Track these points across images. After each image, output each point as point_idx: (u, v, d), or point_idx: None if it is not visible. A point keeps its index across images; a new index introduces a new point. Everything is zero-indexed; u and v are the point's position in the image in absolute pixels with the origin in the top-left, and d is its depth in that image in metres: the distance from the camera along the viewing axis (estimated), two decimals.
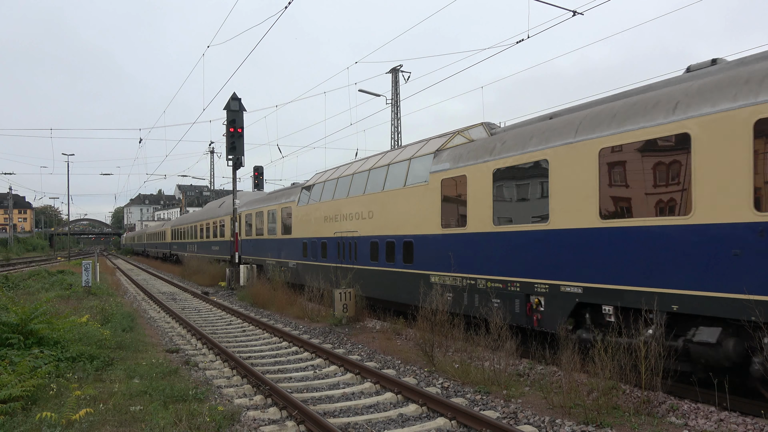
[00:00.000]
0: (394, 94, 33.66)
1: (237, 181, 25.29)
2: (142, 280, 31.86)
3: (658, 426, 6.33)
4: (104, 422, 6.46)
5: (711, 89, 7.18)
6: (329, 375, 9.43)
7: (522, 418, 6.82)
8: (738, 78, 6.96)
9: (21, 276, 29.00)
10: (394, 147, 33.72)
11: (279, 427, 6.65)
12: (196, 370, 9.63)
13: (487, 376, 8.39)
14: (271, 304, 17.53)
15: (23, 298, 14.57)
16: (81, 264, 24.04)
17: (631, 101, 8.38)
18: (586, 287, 8.50)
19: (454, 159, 11.87)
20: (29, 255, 75.42)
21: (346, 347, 11.57)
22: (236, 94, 23.12)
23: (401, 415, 7.16)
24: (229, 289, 24.18)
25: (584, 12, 14.20)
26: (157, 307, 19.08)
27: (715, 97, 7.02)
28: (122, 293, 23.27)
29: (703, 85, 7.37)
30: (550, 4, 14.59)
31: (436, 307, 10.25)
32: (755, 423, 6.27)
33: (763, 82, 6.56)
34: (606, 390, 7.05)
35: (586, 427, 6.32)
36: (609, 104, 8.89)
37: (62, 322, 10.52)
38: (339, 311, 14.06)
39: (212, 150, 56.52)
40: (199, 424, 6.32)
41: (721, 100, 6.92)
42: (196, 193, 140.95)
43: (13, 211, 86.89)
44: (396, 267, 13.59)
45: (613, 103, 8.83)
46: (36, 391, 7.20)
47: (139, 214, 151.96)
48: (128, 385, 8.02)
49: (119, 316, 14.22)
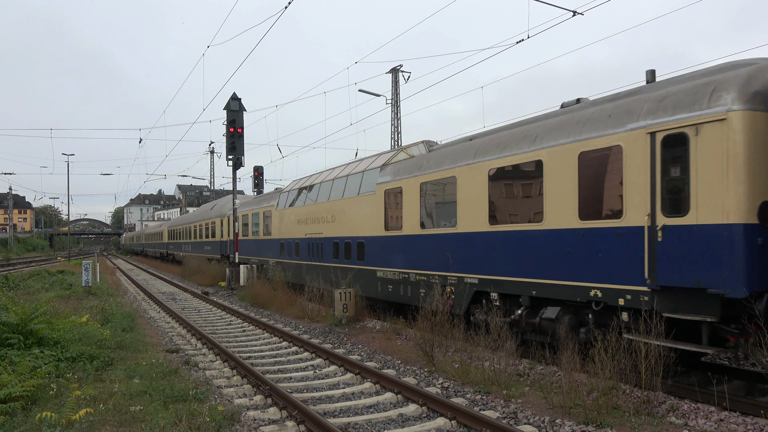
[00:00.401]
0: (394, 94, 33.66)
1: (237, 181, 25.31)
2: (142, 280, 31.86)
3: (658, 426, 6.33)
4: (104, 422, 6.47)
5: (557, 127, 9.41)
6: (329, 375, 9.43)
7: (522, 418, 6.82)
8: (572, 119, 9.19)
9: (21, 276, 29.00)
10: (393, 147, 33.74)
11: (279, 427, 6.65)
12: (196, 370, 9.63)
13: (487, 376, 8.39)
14: (271, 304, 17.54)
15: (23, 298, 14.56)
16: (81, 264, 24.05)
17: (512, 132, 10.72)
18: (480, 278, 10.84)
19: (394, 173, 14.11)
20: (29, 255, 75.42)
21: (346, 347, 11.57)
22: (236, 94, 23.12)
23: (401, 415, 7.16)
24: (229, 289, 24.18)
25: (584, 12, 14.21)
26: (157, 307, 19.08)
27: (557, 133, 9.30)
28: (122, 293, 23.28)
29: (554, 123, 9.63)
30: (550, 4, 14.59)
31: (436, 307, 10.27)
32: (755, 423, 6.27)
33: (585, 123, 8.83)
34: (606, 390, 7.05)
35: (586, 427, 6.32)
36: (502, 132, 11.18)
37: (62, 322, 10.52)
38: (339, 311, 14.06)
39: (212, 150, 56.51)
40: (199, 424, 6.32)
41: (560, 135, 9.20)
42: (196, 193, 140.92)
43: (13, 211, 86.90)
44: (352, 264, 15.78)
45: (505, 131, 11.10)
46: (36, 391, 7.20)
47: (139, 214, 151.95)
48: (128, 385, 8.02)
49: (119, 316, 14.22)
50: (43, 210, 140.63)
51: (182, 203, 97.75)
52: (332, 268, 16.81)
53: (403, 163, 13.92)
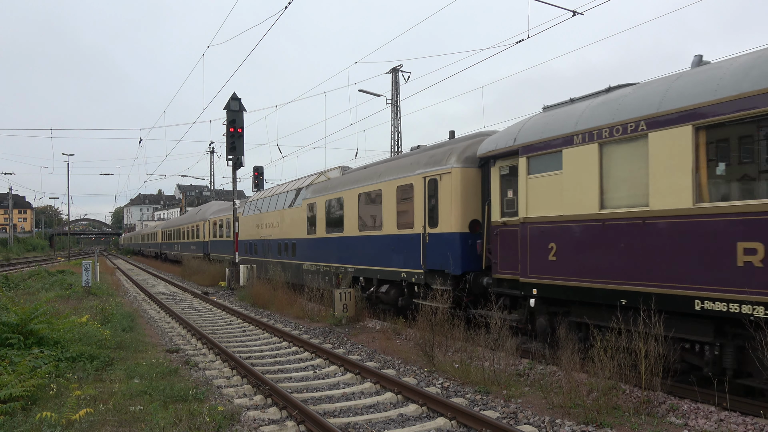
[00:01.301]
0: (394, 94, 33.66)
1: (237, 181, 25.30)
2: (142, 280, 31.86)
3: (658, 426, 6.33)
4: (104, 422, 6.47)
5: (391, 169, 14.33)
6: (329, 375, 9.43)
7: (522, 418, 6.82)
8: (397, 164, 14.19)
9: (21, 276, 29.01)
10: (393, 147, 33.74)
11: (279, 427, 6.65)
12: (196, 370, 9.63)
13: (487, 376, 8.39)
14: (271, 304, 17.54)
15: (23, 298, 14.55)
16: (81, 264, 24.04)
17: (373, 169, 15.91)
18: (356, 268, 15.61)
19: (313, 192, 19.10)
20: (29, 255, 75.41)
21: (346, 347, 11.57)
22: (236, 94, 23.11)
23: (401, 415, 7.16)
24: (229, 289, 24.17)
25: (584, 12, 14.20)
26: (157, 307, 19.08)
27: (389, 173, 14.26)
28: (122, 293, 23.28)
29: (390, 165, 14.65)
30: (550, 4, 14.59)
31: (436, 308, 10.28)
32: (755, 423, 6.27)
33: (401, 168, 13.69)
34: (606, 390, 7.05)
35: (586, 427, 6.32)
36: (369, 168, 16.32)
37: (62, 322, 10.52)
38: (339, 311, 14.06)
39: (212, 150, 56.53)
40: (199, 424, 6.32)
41: (390, 175, 14.17)
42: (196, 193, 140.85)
43: (13, 211, 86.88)
44: (289, 259, 20.70)
45: (370, 168, 16.30)
46: (36, 391, 7.20)
47: (139, 214, 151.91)
48: (128, 385, 8.02)
49: (119, 316, 14.22)
50: (43, 210, 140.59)
51: (182, 203, 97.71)
52: (278, 262, 21.51)
53: (319, 185, 18.91)
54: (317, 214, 18.26)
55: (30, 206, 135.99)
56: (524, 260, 9.73)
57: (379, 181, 14.50)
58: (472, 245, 11.47)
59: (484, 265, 11.32)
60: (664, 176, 7.37)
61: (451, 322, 10.39)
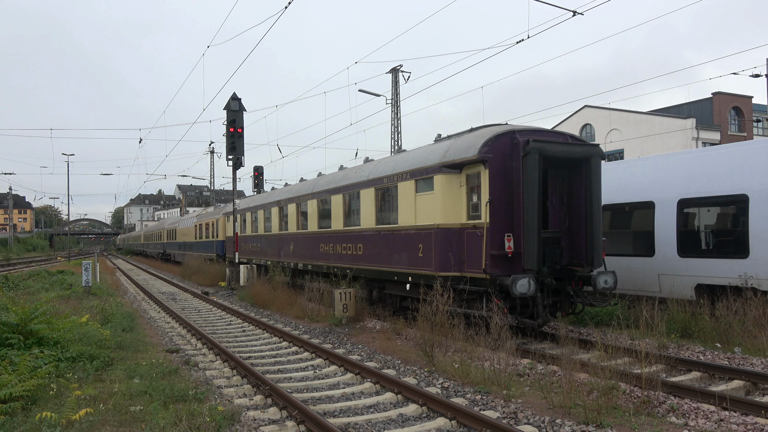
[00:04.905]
0: (394, 95, 33.65)
1: (237, 181, 25.31)
2: (142, 280, 31.85)
3: (658, 426, 6.33)
4: (104, 422, 6.46)
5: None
6: (329, 375, 9.43)
7: (522, 418, 6.82)
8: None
9: (21, 276, 29.01)
10: (393, 147, 33.71)
11: (279, 427, 6.65)
12: (196, 370, 9.62)
13: (487, 376, 8.38)
14: (271, 304, 17.53)
15: (23, 298, 14.56)
16: (81, 264, 24.04)
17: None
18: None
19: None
20: (29, 255, 75.40)
21: (346, 347, 11.57)
22: (236, 94, 23.10)
23: (401, 415, 7.16)
24: (229, 289, 24.17)
25: (584, 12, 14.21)
26: (157, 307, 19.08)
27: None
28: (122, 293, 23.27)
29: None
30: (550, 4, 14.59)
31: (436, 308, 10.27)
32: (755, 423, 6.27)
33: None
34: (606, 390, 7.05)
35: (586, 427, 6.32)
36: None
37: (62, 322, 10.52)
38: (339, 311, 14.06)
39: (212, 150, 56.42)
40: (199, 424, 6.32)
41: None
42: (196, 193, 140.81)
43: (13, 211, 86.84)
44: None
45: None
46: (36, 391, 7.19)
47: (139, 214, 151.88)
48: (128, 385, 8.02)
49: (119, 316, 14.22)
50: (43, 210, 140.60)
51: (182, 203, 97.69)
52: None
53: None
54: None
55: (30, 206, 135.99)
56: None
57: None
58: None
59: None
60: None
61: (451, 322, 10.38)
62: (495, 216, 10.77)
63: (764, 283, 10.64)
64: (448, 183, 11.67)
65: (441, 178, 11.72)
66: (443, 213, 11.66)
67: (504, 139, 11.05)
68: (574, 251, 11.41)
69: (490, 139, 10.99)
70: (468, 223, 11.33)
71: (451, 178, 11.65)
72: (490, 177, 10.84)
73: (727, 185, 11.46)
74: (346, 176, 16.94)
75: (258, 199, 25.88)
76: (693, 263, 11.91)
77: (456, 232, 11.50)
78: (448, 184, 11.67)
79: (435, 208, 11.87)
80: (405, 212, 13.05)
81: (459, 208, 11.57)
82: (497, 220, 10.78)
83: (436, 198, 11.85)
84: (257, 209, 24.82)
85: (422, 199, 12.41)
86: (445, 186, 11.69)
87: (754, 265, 10.80)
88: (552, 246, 11.28)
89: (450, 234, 11.56)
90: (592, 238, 11.11)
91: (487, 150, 10.90)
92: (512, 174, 10.91)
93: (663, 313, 11.03)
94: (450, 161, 11.60)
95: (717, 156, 12.11)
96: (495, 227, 10.73)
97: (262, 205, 24.35)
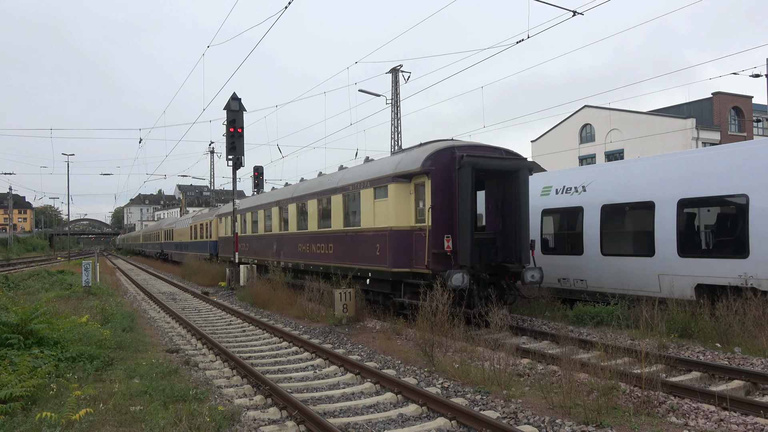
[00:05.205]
0: (394, 95, 33.65)
1: (237, 181, 25.30)
2: (142, 280, 31.85)
3: (658, 426, 6.33)
4: (104, 422, 6.46)
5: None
6: (329, 375, 9.43)
7: (522, 418, 6.82)
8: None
9: (21, 276, 29.00)
10: (393, 147, 33.72)
11: (279, 427, 6.65)
12: (196, 370, 9.62)
13: (487, 376, 8.38)
14: (271, 304, 17.53)
15: (23, 298, 14.55)
16: (81, 264, 24.03)
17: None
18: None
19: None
20: (29, 255, 75.40)
21: (346, 347, 11.57)
22: (236, 94, 23.10)
23: (401, 415, 7.16)
24: (229, 289, 24.16)
25: (584, 12, 14.21)
26: (157, 307, 19.07)
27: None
28: (122, 293, 23.27)
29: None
30: (550, 4, 14.59)
31: (436, 307, 10.28)
32: (755, 423, 6.27)
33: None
34: (606, 390, 7.05)
35: (586, 427, 6.31)
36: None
37: (62, 322, 10.51)
38: (339, 311, 14.05)
39: (212, 150, 56.40)
40: (199, 424, 6.32)
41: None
42: (196, 193, 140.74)
43: (13, 211, 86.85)
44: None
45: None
46: (36, 391, 7.19)
47: (139, 214, 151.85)
48: (128, 385, 8.01)
49: (119, 316, 14.21)
50: (43, 210, 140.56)
51: (182, 203, 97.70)
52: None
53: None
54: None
55: (30, 206, 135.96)
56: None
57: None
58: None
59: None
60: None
61: (451, 322, 10.39)
62: (436, 220, 12.26)
63: (764, 283, 10.64)
64: (400, 191, 13.25)
65: (394, 186, 13.28)
66: (396, 217, 13.24)
67: (445, 154, 12.54)
68: (507, 250, 12.92)
69: (432, 154, 12.54)
70: (416, 226, 12.91)
71: (402, 187, 13.23)
72: (432, 186, 12.34)
73: (727, 185, 11.45)
74: (321, 183, 18.51)
75: (248, 202, 27.70)
76: (693, 263, 11.91)
77: (406, 233, 13.09)
78: (400, 192, 13.25)
79: (389, 213, 13.45)
80: (366, 216, 14.64)
81: (409, 212, 13.20)
82: (438, 224, 12.24)
83: (390, 204, 13.44)
84: (246, 212, 26.34)
85: (379, 205, 14.03)
86: (397, 194, 13.26)
87: (754, 265, 10.80)
88: (488, 245, 12.88)
89: (402, 235, 13.14)
90: (520, 239, 12.63)
91: (430, 163, 12.42)
92: (452, 184, 12.32)
93: (663, 313, 11.04)
94: (401, 172, 13.22)
95: (717, 156, 12.11)
96: (436, 229, 12.21)
97: (250, 207, 25.86)
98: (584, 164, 44.41)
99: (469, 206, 11.97)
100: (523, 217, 12.66)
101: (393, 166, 13.70)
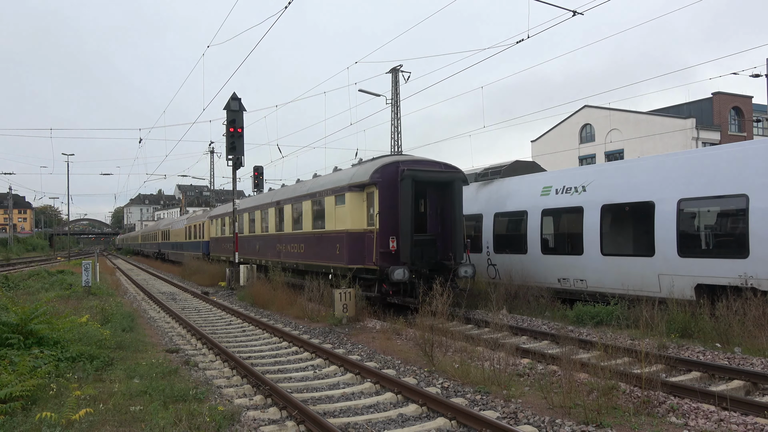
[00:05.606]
0: (394, 94, 33.65)
1: (237, 181, 25.30)
2: (142, 280, 31.85)
3: (658, 426, 6.33)
4: (104, 422, 6.46)
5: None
6: (329, 375, 9.43)
7: (522, 418, 6.82)
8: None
9: (21, 276, 29.00)
10: (393, 147, 33.72)
11: (279, 427, 6.65)
12: (196, 370, 9.62)
13: (487, 376, 8.38)
14: (271, 304, 17.53)
15: (23, 298, 14.56)
16: (81, 264, 24.03)
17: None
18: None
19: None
20: (29, 255, 75.39)
21: (346, 347, 11.57)
22: (236, 94, 23.08)
23: (401, 415, 7.16)
24: (229, 289, 24.16)
25: (584, 12, 14.21)
26: (157, 307, 19.07)
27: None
28: (122, 293, 23.27)
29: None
30: (551, 4, 14.59)
31: (435, 308, 10.29)
32: (755, 423, 6.27)
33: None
34: (606, 390, 7.05)
35: (586, 427, 6.32)
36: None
37: (62, 322, 10.51)
38: (339, 311, 14.05)
39: (212, 150, 56.40)
40: (199, 424, 6.32)
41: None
42: (196, 193, 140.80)
43: (13, 211, 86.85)
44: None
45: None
46: (36, 391, 7.19)
47: (139, 214, 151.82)
48: (128, 385, 8.01)
49: (119, 316, 14.21)
50: (43, 210, 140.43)
51: (182, 203, 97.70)
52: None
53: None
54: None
55: (30, 206, 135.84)
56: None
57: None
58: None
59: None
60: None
61: (452, 322, 10.38)
62: (383, 223, 14.34)
63: (764, 283, 10.64)
64: (355, 199, 15.40)
65: (350, 195, 15.45)
66: (352, 221, 15.40)
67: (391, 168, 14.70)
68: (445, 250, 15.04)
69: (380, 168, 14.77)
70: (367, 229, 15.05)
71: (357, 195, 15.38)
72: (380, 195, 14.48)
73: (727, 185, 11.45)
74: (295, 189, 20.95)
75: (240, 205, 29.61)
76: (693, 263, 11.91)
77: (360, 235, 15.23)
78: (355, 200, 15.40)
79: (346, 218, 15.60)
80: (329, 220, 16.83)
81: (362, 217, 15.33)
82: (385, 227, 14.33)
83: (347, 210, 15.58)
84: (240, 213, 28.38)
85: (339, 210, 16.16)
86: (353, 201, 15.42)
87: (754, 265, 10.80)
88: (429, 246, 15.08)
89: (356, 237, 15.29)
90: (455, 240, 14.72)
91: (378, 176, 14.63)
92: (397, 193, 14.33)
93: (663, 313, 11.04)
94: (355, 183, 15.42)
95: (717, 156, 12.10)
96: (383, 232, 14.30)
97: (239, 210, 27.99)
98: (584, 164, 44.42)
99: (409, 212, 14.06)
100: (458, 221, 14.75)
101: (349, 177, 15.89)
